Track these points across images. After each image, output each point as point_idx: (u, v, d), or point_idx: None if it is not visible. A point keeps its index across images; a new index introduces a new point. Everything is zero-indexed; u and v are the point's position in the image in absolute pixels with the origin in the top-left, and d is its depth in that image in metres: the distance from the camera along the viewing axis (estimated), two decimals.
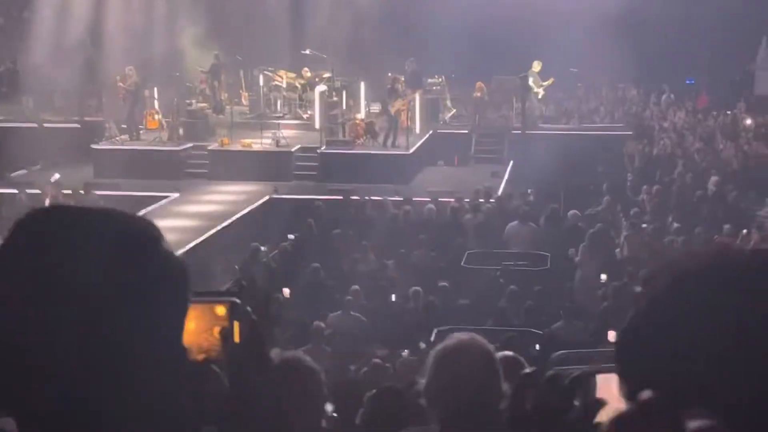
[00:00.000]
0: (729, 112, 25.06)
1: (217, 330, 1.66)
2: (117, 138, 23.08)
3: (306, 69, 25.53)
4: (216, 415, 1.76)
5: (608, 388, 1.68)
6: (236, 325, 1.68)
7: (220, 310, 1.68)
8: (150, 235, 1.39)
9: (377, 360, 9.32)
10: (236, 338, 1.67)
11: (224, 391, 1.70)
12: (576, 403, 1.81)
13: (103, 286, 1.30)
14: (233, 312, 1.68)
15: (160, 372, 1.34)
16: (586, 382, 1.77)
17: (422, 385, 2.87)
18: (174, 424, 1.38)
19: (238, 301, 1.69)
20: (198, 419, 1.68)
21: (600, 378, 1.76)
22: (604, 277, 13.36)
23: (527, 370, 2.25)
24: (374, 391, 5.19)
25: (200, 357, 1.64)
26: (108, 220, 1.39)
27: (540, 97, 25.36)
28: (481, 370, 2.76)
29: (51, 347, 1.29)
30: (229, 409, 1.69)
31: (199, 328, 1.64)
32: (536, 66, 25.06)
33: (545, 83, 25.13)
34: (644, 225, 15.36)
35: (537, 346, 10.77)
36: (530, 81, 24.90)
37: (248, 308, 1.70)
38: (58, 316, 1.29)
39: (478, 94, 25.22)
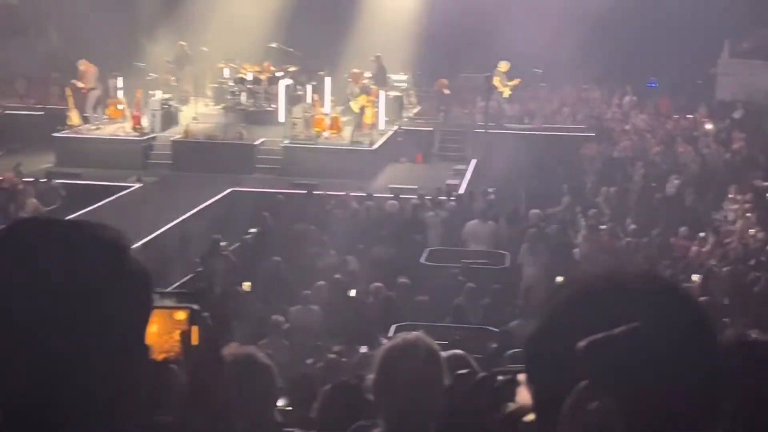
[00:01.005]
0: (690, 116, 25.37)
1: (177, 333, 1.84)
2: (80, 126, 22.95)
3: (268, 63, 25.55)
4: (172, 407, 1.91)
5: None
6: (194, 329, 1.85)
7: (180, 315, 1.86)
8: (118, 244, 1.55)
9: (334, 355, 9.40)
10: (194, 341, 1.84)
11: (181, 387, 1.84)
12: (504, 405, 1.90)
13: (74, 289, 1.47)
14: (192, 317, 1.86)
15: (123, 365, 1.51)
16: (513, 385, 1.86)
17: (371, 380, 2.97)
18: (133, 411, 1.55)
19: (196, 307, 1.84)
20: (155, 409, 1.85)
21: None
22: (560, 279, 13.51)
23: (461, 372, 2.34)
24: (329, 385, 5.27)
25: (161, 356, 1.83)
26: (80, 231, 1.55)
27: (506, 96, 25.49)
28: (424, 369, 2.85)
29: (26, 343, 1.45)
30: (184, 403, 1.83)
31: (161, 331, 1.83)
32: (503, 66, 25.20)
33: (511, 83, 25.27)
34: (602, 226, 15.54)
35: (494, 344, 10.92)
36: (497, 80, 25.04)
37: (205, 314, 1.85)
38: (33, 317, 1.45)
39: (443, 90, 25.40)
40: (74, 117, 23.04)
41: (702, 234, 15.02)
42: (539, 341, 1.35)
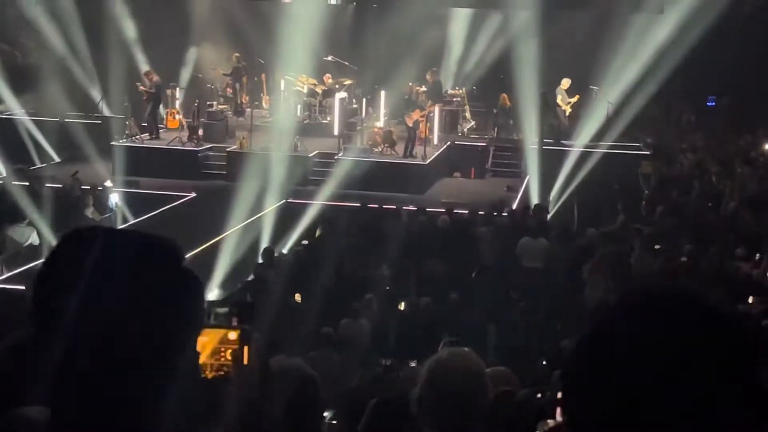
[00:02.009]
0: (748, 136, 25.01)
1: (229, 352, 1.94)
2: (137, 136, 23.25)
3: (328, 75, 25.66)
4: (224, 421, 1.95)
5: None
6: (246, 349, 1.88)
7: (233, 335, 1.95)
8: (173, 254, 1.63)
9: (383, 369, 9.39)
10: (245, 360, 1.87)
11: (232, 404, 1.88)
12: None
13: (129, 300, 1.53)
14: (244, 337, 1.96)
15: (176, 378, 1.55)
16: (554, 404, 1.85)
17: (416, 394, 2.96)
18: (184, 427, 1.60)
19: (248, 327, 1.90)
20: (207, 423, 1.89)
21: None
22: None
23: (503, 389, 2.33)
24: (376, 399, 5.26)
25: (213, 375, 1.93)
26: (135, 240, 1.62)
27: (567, 114, 25.36)
28: (469, 385, 2.83)
29: (83, 349, 1.51)
30: (235, 416, 1.88)
31: (214, 350, 1.93)
32: (565, 83, 25.11)
33: (572, 100, 25.16)
34: (657, 246, 15.36)
35: (544, 362, 10.82)
36: (558, 98, 24.95)
37: (256, 335, 1.91)
38: (88, 326, 1.51)
39: (506, 104, 25.38)
40: (132, 126, 23.35)
41: (758, 255, 14.79)
42: (577, 361, 1.33)
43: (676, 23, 26.13)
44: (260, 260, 15.11)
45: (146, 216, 18.68)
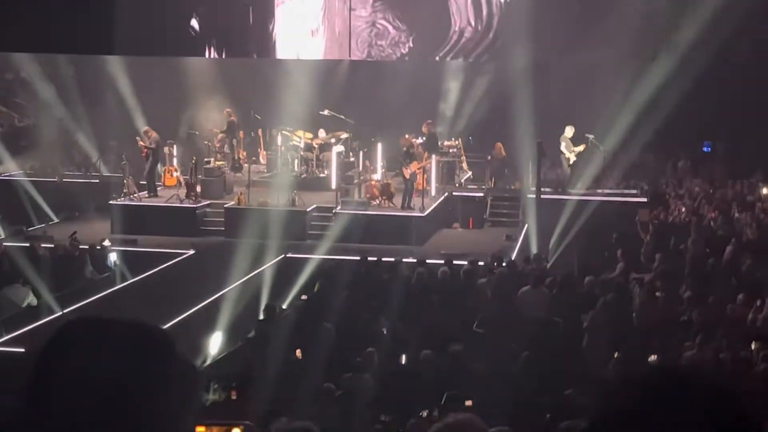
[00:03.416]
0: (745, 181, 25.07)
1: None
2: (135, 194, 23.29)
3: (322, 130, 25.80)
4: None
5: None
6: None
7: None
8: (165, 344, 1.67)
9: (384, 426, 9.31)
10: None
11: None
12: None
13: (123, 392, 1.58)
14: None
15: None
16: None
17: None
18: None
19: (251, 424, 1.92)
20: None
21: None
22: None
23: None
24: None
25: None
26: (127, 332, 1.66)
27: (571, 162, 25.35)
28: None
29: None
30: None
31: None
32: (568, 131, 25.12)
33: (577, 149, 25.16)
34: (658, 293, 15.33)
35: (548, 415, 10.74)
36: (562, 146, 25.00)
37: None
38: (83, 419, 1.55)
39: (501, 154, 25.48)
40: (130, 184, 23.40)
41: (759, 301, 14.74)
42: None
43: (670, 69, 26.33)
44: (261, 316, 15.06)
45: (145, 274, 18.65)
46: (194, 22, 28.34)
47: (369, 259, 18.07)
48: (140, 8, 25.54)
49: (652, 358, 12.63)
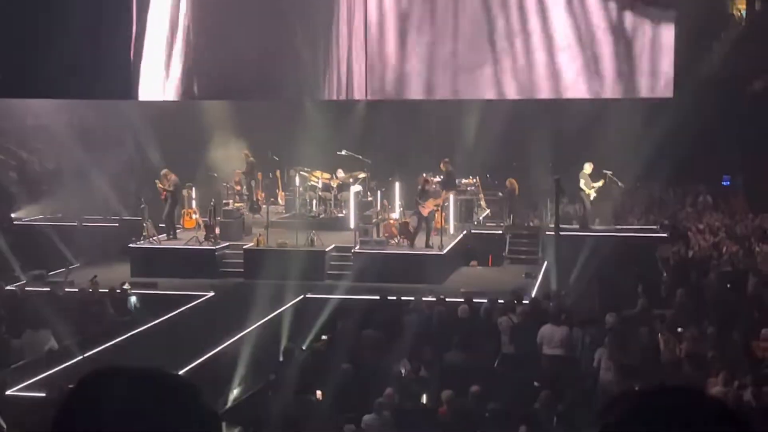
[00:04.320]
0: (765, 214, 24.96)
1: None
2: (154, 237, 23.37)
3: (340, 170, 25.89)
4: None
5: None
6: None
7: None
8: (188, 393, 1.67)
9: None
10: None
11: None
12: None
13: None
14: None
15: None
16: None
17: None
18: None
19: None
20: None
21: None
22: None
23: None
24: None
25: None
26: (149, 382, 1.67)
27: (592, 198, 25.34)
28: None
29: None
30: None
31: None
32: (587, 168, 25.13)
33: (596, 184, 25.15)
34: (680, 329, 15.22)
35: None
36: (582, 183, 25.01)
37: None
38: None
39: (513, 190, 25.50)
40: (150, 227, 23.50)
41: None
42: None
43: (688, 104, 26.31)
44: (281, 358, 15.03)
45: (165, 317, 18.67)
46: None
47: (388, 298, 18.03)
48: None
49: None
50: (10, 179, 28.87)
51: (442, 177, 24.51)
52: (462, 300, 17.60)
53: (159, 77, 23.78)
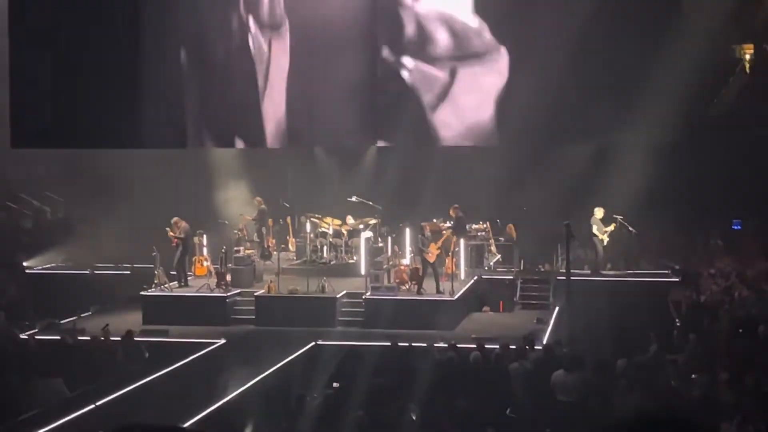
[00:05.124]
0: None
1: None
2: (166, 285, 23.42)
3: (350, 216, 25.99)
4: None
5: None
6: None
7: None
8: None
9: None
10: None
11: None
12: None
13: None
14: None
15: None
16: None
17: None
18: None
19: None
20: None
21: None
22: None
23: None
24: None
25: None
26: None
27: (605, 243, 25.40)
28: None
29: None
30: None
31: None
32: (598, 213, 25.22)
33: (608, 229, 25.22)
34: (693, 375, 15.15)
35: None
36: (594, 228, 25.07)
37: None
38: None
39: (512, 235, 25.63)
40: (161, 275, 23.55)
41: None
42: None
43: (698, 147, 26.40)
44: (293, 406, 14.98)
45: (177, 365, 18.66)
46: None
47: (400, 344, 18.00)
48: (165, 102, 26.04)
49: None
50: (23, 228, 29.01)
51: (452, 222, 24.57)
52: (474, 346, 17.56)
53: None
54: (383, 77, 26.02)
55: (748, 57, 30.45)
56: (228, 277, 23.20)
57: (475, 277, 24.45)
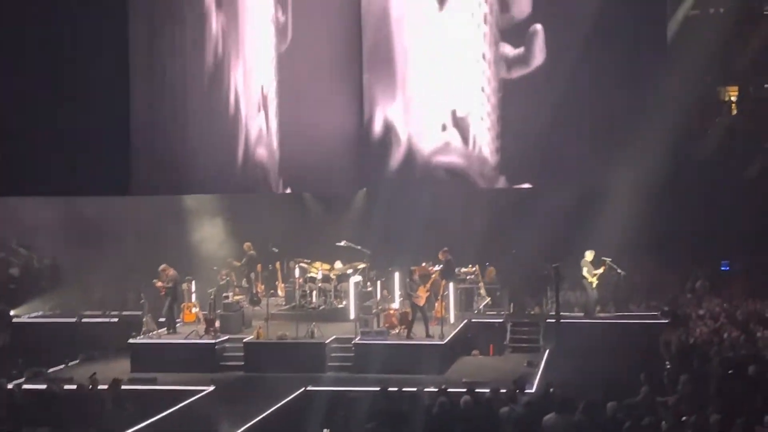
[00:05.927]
0: (764, 300, 24.92)
1: None
2: (154, 332, 23.30)
3: (338, 261, 25.99)
4: None
5: None
6: None
7: None
8: None
9: None
10: None
11: None
12: None
13: None
14: None
15: None
16: None
17: None
18: None
19: None
20: None
21: None
22: None
23: None
24: None
25: None
26: None
27: (594, 286, 25.45)
28: None
29: None
30: None
31: None
32: (588, 255, 25.33)
33: (598, 272, 25.29)
34: (684, 417, 15.08)
35: None
36: (584, 271, 25.11)
37: None
38: None
39: (490, 278, 25.75)
40: (149, 322, 23.44)
41: None
42: None
43: (684, 188, 26.54)
44: None
45: (165, 412, 18.50)
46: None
47: (390, 389, 17.89)
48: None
49: None
50: (11, 276, 28.86)
51: (441, 266, 24.55)
52: (464, 390, 17.47)
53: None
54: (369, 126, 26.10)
55: (734, 99, 30.75)
56: (217, 324, 23.10)
57: (465, 321, 24.40)
